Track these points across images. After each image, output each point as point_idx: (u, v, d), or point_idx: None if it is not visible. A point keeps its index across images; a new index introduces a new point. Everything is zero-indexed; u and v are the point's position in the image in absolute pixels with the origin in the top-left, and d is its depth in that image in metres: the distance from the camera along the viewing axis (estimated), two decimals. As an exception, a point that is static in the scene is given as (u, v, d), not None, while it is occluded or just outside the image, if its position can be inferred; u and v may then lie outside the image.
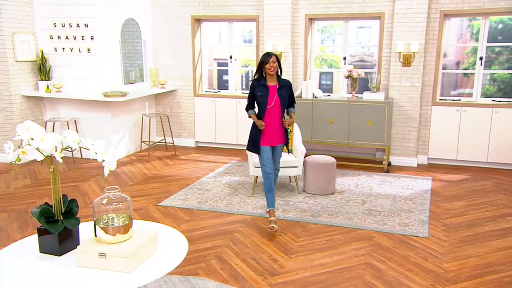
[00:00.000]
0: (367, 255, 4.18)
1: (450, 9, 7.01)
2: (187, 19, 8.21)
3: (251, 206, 5.41)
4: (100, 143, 2.62)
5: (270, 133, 4.80)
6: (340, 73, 7.91)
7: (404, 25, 6.99)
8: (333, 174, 5.83)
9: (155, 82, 8.33)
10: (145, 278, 2.33)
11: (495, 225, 4.95)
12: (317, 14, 7.56)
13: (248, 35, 9.03)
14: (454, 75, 8.41)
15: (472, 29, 8.23)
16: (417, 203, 5.55)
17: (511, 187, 6.28)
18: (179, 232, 2.84)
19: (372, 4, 7.26)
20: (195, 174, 6.74)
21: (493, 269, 3.97)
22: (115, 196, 2.53)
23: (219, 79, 9.40)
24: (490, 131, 7.08)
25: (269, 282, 3.69)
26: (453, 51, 8.29)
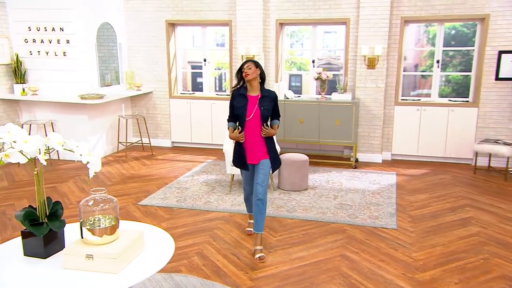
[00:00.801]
0: (342, 247, 4.14)
1: (410, 16, 7.09)
2: (162, 23, 8.01)
3: (229, 203, 5.30)
4: (84, 145, 2.47)
5: (250, 149, 4.00)
6: (309, 75, 7.89)
7: (368, 30, 7.02)
8: (306, 171, 5.79)
9: (131, 84, 8.10)
10: (133, 278, 2.20)
11: (455, 216, 5.01)
12: (287, 19, 7.51)
13: (221, 39, 8.92)
14: (413, 77, 8.54)
15: (428, 35, 8.38)
16: (384, 196, 5.57)
17: (467, 180, 6.40)
18: (164, 231, 2.71)
19: (338, 10, 7.26)
20: (173, 174, 6.57)
21: (456, 256, 4.00)
22: (101, 198, 2.38)
23: (193, 81, 9.23)
24: (447, 128, 7.20)
25: (250, 277, 3.60)
26: (411, 54, 8.42)
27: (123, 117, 7.86)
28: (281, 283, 3.50)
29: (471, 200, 5.52)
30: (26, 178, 6.34)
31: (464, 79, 7.80)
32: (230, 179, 5.86)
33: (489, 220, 4.87)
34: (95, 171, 2.46)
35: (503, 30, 6.81)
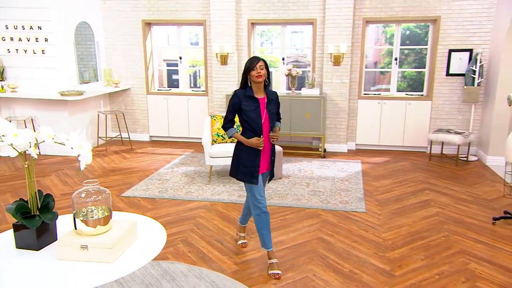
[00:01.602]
0: (318, 230, 4.12)
1: (371, 17, 7.13)
2: (138, 23, 7.75)
3: (209, 192, 5.19)
4: (74, 137, 2.31)
5: (263, 157, 3.33)
6: (279, 72, 7.84)
7: (333, 30, 7.01)
8: (280, 161, 5.73)
9: (109, 81, 7.81)
10: (129, 267, 2.07)
11: (416, 198, 5.08)
12: (258, 19, 7.41)
13: (195, 38, 8.71)
14: (373, 73, 8.61)
15: (386, 34, 8.46)
16: (352, 183, 5.59)
17: (424, 166, 6.52)
18: (155, 221, 2.58)
19: (306, 11, 7.22)
20: (153, 166, 6.38)
21: (421, 235, 4.06)
22: (93, 189, 2.24)
23: (168, 78, 8.99)
24: (404, 120, 7.31)
25: (235, 261, 3.53)
26: (371, 53, 8.48)
27: (102, 113, 7.58)
28: (264, 266, 3.44)
29: (429, 184, 5.62)
30: (8, 173, 6.01)
31: (418, 75, 7.94)
32: (208, 170, 5.74)
33: (446, 201, 4.97)
34: (87, 163, 2.31)
35: (452, 30, 6.95)
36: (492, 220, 4.39)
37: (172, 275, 3.29)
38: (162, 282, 3.19)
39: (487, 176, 6.01)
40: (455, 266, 3.45)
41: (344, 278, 3.25)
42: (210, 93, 7.78)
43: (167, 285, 3.14)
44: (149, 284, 3.16)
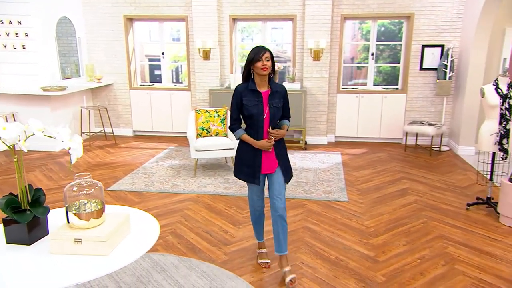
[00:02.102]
0: (303, 220, 4.11)
1: (349, 13, 7.15)
2: (120, 18, 7.55)
3: (195, 185, 5.11)
4: (65, 130, 2.21)
5: (265, 156, 3.00)
6: (260, 67, 7.78)
7: (313, 26, 7.00)
8: (263, 153, 5.70)
9: (91, 77, 7.60)
10: (124, 259, 2.00)
11: (395, 187, 5.14)
12: (239, 15, 7.33)
13: (176, 33, 8.55)
14: (350, 68, 8.66)
15: (362, 31, 8.51)
16: (334, 173, 5.62)
17: (400, 156, 6.61)
18: (147, 213, 2.51)
19: (286, 7, 7.18)
20: (138, 160, 6.25)
21: (401, 222, 4.10)
22: (86, 182, 2.15)
23: (151, 74, 8.82)
24: (381, 112, 7.39)
25: (224, 251, 3.48)
26: (348, 48, 8.51)
27: (85, 108, 7.37)
28: (253, 255, 3.41)
29: (405, 173, 5.69)
30: (-9, 169, 5.79)
31: (393, 70, 8.02)
32: (194, 163, 5.67)
33: (423, 189, 5.05)
34: (77, 156, 2.22)
35: (425, 27, 7.04)
36: (466, 206, 4.48)
37: (163, 266, 3.22)
38: (153, 274, 3.12)
39: (459, 165, 6.13)
40: (434, 251, 3.50)
41: (331, 265, 3.25)
42: (193, 88, 7.67)
43: (158, 277, 3.08)
44: (140, 276, 3.09)
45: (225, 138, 5.60)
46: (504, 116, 4.09)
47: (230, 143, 5.51)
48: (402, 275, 3.11)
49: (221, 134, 5.72)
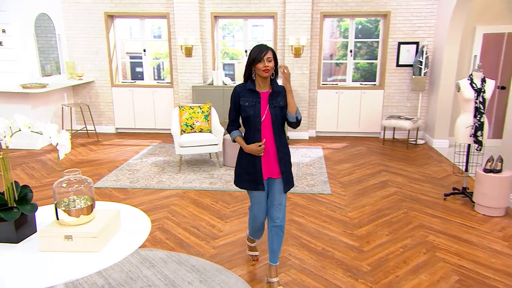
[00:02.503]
0: (289, 213, 4.10)
1: (328, 11, 7.17)
2: (100, 15, 7.36)
3: (180, 181, 5.04)
4: (52, 126, 2.13)
5: (265, 161, 2.70)
6: (241, 64, 7.73)
7: (294, 23, 6.99)
8: (247, 149, 5.66)
9: (72, 74, 7.39)
10: (116, 255, 1.94)
11: (375, 179, 5.19)
12: (221, 13, 7.25)
13: (157, 31, 8.41)
14: (329, 65, 8.72)
15: (340, 28, 8.57)
16: (316, 167, 5.63)
17: (378, 150, 6.68)
18: (138, 210, 2.45)
19: (267, 5, 7.14)
20: (121, 157, 6.12)
21: (383, 213, 4.15)
22: (75, 178, 2.08)
23: (132, 71, 8.66)
24: (360, 108, 7.46)
25: (213, 245, 3.44)
26: (327, 45, 8.56)
27: (66, 106, 7.16)
28: (241, 248, 3.38)
29: (385, 166, 5.76)
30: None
31: (370, 66, 8.10)
32: (178, 159, 5.59)
33: (402, 181, 5.12)
34: (65, 152, 2.14)
35: (400, 24, 7.13)
36: (444, 196, 4.56)
37: (151, 261, 3.16)
38: (142, 269, 3.05)
39: (434, 157, 6.25)
40: (416, 239, 3.56)
41: (318, 256, 3.26)
42: (175, 85, 7.56)
43: (147, 272, 3.02)
44: (129, 272, 3.02)
45: (209, 134, 5.55)
46: (478, 109, 4.18)
47: (214, 138, 5.45)
48: (386, 264, 3.14)
49: (205, 130, 5.66)
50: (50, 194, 4.55)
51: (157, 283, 2.88)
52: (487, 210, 4.10)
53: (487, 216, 4.07)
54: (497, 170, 4.09)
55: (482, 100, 4.16)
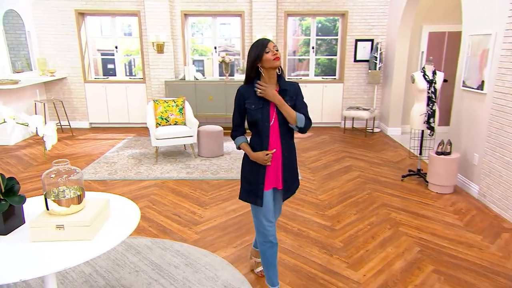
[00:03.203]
0: (264, 197, 4.09)
1: (291, 10, 7.18)
2: (71, 12, 6.99)
3: (158, 172, 4.91)
4: (37, 117, 1.99)
5: (272, 169, 2.26)
6: (211, 60, 7.61)
7: (260, 21, 6.95)
8: (221, 140, 5.60)
9: (44, 71, 6.98)
10: (108, 243, 1.85)
11: (340, 165, 5.29)
12: (190, 11, 7.08)
13: (128, 28, 8.10)
14: (293, 60, 8.75)
15: (302, 27, 8.60)
16: (285, 155, 5.65)
17: (340, 138, 6.80)
18: (126, 199, 2.35)
19: (234, 4, 7.05)
20: (98, 151, 5.88)
21: (349, 194, 4.22)
22: (64, 169, 1.95)
23: (104, 68, 8.31)
24: (322, 100, 7.55)
25: (195, 231, 3.38)
26: (290, 42, 8.57)
27: (39, 102, 6.78)
28: (223, 232, 3.34)
29: (347, 152, 5.88)
30: None
31: (329, 62, 8.21)
32: (154, 151, 5.44)
33: (363, 166, 5.24)
34: (52, 143, 2.01)
35: (357, 23, 7.26)
36: (401, 177, 4.72)
37: (137, 249, 3.06)
38: (129, 256, 2.95)
39: (390, 143, 6.44)
40: (380, 217, 3.65)
41: (294, 236, 3.27)
42: (148, 80, 7.34)
43: (133, 259, 2.92)
44: (116, 259, 2.91)
45: (183, 127, 5.43)
46: (431, 98, 4.33)
47: (189, 130, 5.34)
48: (356, 240, 3.21)
49: (180, 123, 5.53)
50: (28, 188, 4.30)
51: (144, 268, 2.79)
52: (439, 188, 4.28)
53: (439, 193, 4.25)
54: (447, 152, 4.27)
55: (433, 90, 4.31)
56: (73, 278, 2.67)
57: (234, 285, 2.59)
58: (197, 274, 2.72)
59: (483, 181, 4.03)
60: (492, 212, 3.77)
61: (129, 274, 2.72)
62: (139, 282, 2.63)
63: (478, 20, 4.20)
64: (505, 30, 3.72)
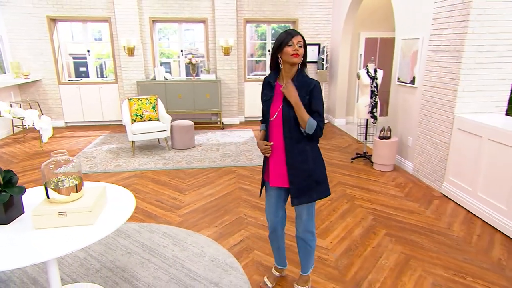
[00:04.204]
0: (237, 182, 4.09)
1: (249, 17, 7.15)
2: (43, 18, 6.47)
3: (136, 163, 4.73)
4: (33, 111, 1.84)
5: (273, 165, 1.98)
6: (177, 62, 7.41)
7: (222, 26, 6.86)
8: (193, 133, 5.49)
9: (18, 73, 6.43)
10: (109, 227, 1.77)
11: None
12: (158, 17, 6.82)
13: (98, 34, 7.65)
14: (250, 62, 8.74)
15: (257, 33, 8.61)
16: (250, 145, 5.67)
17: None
18: (120, 186, 2.24)
19: (198, 11, 6.89)
20: (76, 147, 5.53)
21: (307, 177, 4.32)
22: (62, 159, 1.83)
23: (76, 70, 7.80)
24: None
25: (178, 214, 3.30)
26: (248, 46, 8.56)
27: (14, 103, 6.23)
28: (204, 214, 3.30)
29: (303, 141, 5.99)
30: None
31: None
32: (130, 146, 5.22)
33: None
34: (48, 136, 1.87)
35: (306, 29, 7.38)
36: (351, 159, 4.91)
37: (126, 233, 2.94)
38: (119, 240, 2.83)
39: (337, 132, 6.67)
40: (338, 193, 3.78)
41: (267, 213, 3.30)
42: (120, 81, 7.00)
43: (124, 242, 2.80)
44: (108, 243, 2.78)
45: (157, 122, 5.26)
46: (373, 92, 4.54)
47: (162, 125, 5.19)
48: (321, 213, 3.31)
49: (154, 119, 5.36)
50: (10, 185, 3.95)
51: (136, 250, 2.69)
52: (382, 167, 4.52)
53: (382, 171, 4.48)
54: (387, 137, 4.51)
55: (375, 85, 4.52)
56: (69, 262, 2.52)
57: (221, 259, 2.58)
58: (185, 252, 2.67)
59: (416, 159, 4.30)
60: (424, 184, 4.05)
61: (122, 256, 2.61)
62: (133, 262, 2.54)
63: (408, 26, 4.45)
64: (430, 35, 3.97)
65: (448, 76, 3.68)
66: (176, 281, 2.33)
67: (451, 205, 3.51)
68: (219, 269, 2.45)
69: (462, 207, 3.45)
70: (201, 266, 2.49)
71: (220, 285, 2.29)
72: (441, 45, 3.78)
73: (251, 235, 2.92)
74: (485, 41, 3.43)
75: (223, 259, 2.57)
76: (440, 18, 3.77)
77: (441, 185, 3.81)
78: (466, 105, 3.59)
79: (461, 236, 2.92)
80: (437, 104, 3.87)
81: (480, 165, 3.27)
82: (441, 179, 3.82)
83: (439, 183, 3.85)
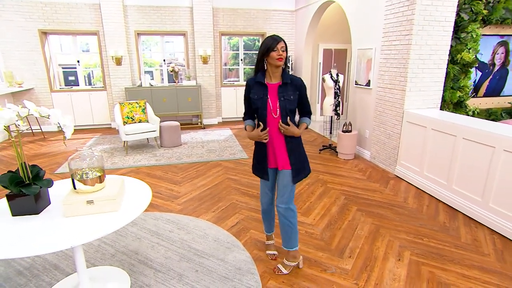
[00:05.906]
0: (225, 174, 4.10)
1: (224, 31, 7.13)
2: (35, 32, 6.04)
3: (131, 161, 4.58)
4: (57, 111, 1.77)
5: (272, 151, 2.08)
6: (159, 71, 7.24)
7: (201, 39, 6.80)
8: (179, 133, 5.40)
9: (11, 82, 5.95)
10: (133, 213, 1.75)
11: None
12: (142, 30, 6.62)
13: (85, 46, 7.26)
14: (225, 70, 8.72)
15: (230, 44, 8.61)
16: (231, 142, 5.68)
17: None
18: (136, 179, 2.20)
19: (179, 25, 6.77)
20: (72, 148, 5.25)
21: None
22: (86, 153, 1.77)
23: (65, 79, 7.34)
24: (251, 100, 7.67)
25: (177, 203, 3.26)
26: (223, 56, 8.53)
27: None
28: (200, 201, 3.29)
29: (276, 137, 6.10)
30: None
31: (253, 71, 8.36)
32: (123, 145, 5.05)
33: (289, 146, 5.50)
34: (71, 132, 1.81)
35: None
36: (319, 151, 5.08)
37: (133, 221, 2.87)
38: (128, 228, 2.76)
39: (304, 129, 6.84)
40: (313, 179, 3.91)
41: (256, 199, 3.34)
42: (108, 88, 6.71)
43: (133, 229, 2.74)
44: (117, 231, 2.70)
45: (147, 124, 5.12)
46: (336, 93, 4.73)
47: (152, 126, 5.07)
48: (301, 196, 3.41)
49: (144, 121, 5.22)
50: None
51: (144, 235, 2.64)
52: (345, 156, 4.73)
53: (346, 159, 4.68)
54: (349, 130, 4.73)
55: (338, 87, 4.72)
56: (85, 249, 2.42)
57: (222, 239, 2.60)
58: (189, 235, 2.66)
59: (372, 148, 4.55)
60: (380, 168, 4.30)
61: (133, 241, 2.55)
62: (144, 246, 2.49)
63: (363, 38, 4.69)
64: (381, 45, 4.22)
65: (397, 79, 3.94)
66: (186, 260, 2.32)
67: (404, 184, 3.76)
68: (222, 247, 2.47)
69: (412, 185, 3.71)
70: (206, 246, 2.50)
71: (226, 260, 2.31)
72: (391, 54, 4.03)
73: (245, 217, 2.96)
74: (424, 51, 3.72)
75: (224, 238, 2.59)
76: (389, 32, 4.03)
77: (395, 168, 4.07)
78: (413, 102, 3.87)
79: (415, 208, 3.16)
80: (389, 102, 4.13)
81: (425, 149, 3.54)
82: (394, 163, 4.08)
83: (393, 166, 4.11)
